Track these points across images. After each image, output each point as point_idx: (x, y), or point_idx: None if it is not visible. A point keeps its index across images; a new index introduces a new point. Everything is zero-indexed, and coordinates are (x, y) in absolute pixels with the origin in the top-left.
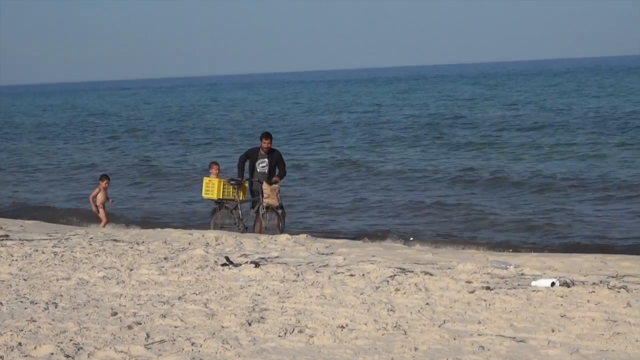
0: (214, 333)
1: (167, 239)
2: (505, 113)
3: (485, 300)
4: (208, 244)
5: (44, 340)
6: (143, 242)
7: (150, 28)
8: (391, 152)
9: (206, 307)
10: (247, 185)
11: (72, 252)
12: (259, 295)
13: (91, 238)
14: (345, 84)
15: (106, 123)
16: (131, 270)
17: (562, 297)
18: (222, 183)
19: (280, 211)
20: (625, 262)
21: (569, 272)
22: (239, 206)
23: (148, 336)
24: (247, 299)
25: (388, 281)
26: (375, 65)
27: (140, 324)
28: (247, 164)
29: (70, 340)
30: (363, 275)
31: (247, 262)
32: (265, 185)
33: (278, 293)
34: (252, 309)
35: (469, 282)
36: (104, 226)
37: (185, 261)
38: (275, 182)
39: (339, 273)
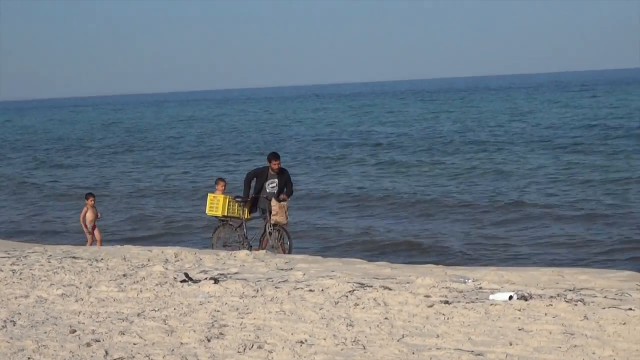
0: (173, 350)
1: (126, 256)
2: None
3: (443, 314)
4: (167, 260)
5: (2, 359)
6: (102, 259)
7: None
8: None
9: (165, 324)
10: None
11: (30, 269)
12: (218, 311)
13: (50, 255)
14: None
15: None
16: (90, 287)
17: (519, 310)
18: (227, 200)
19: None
20: (583, 275)
21: (526, 286)
22: (244, 224)
23: (107, 353)
24: (206, 315)
25: (347, 296)
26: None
27: (99, 341)
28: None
29: (29, 358)
30: (322, 290)
31: (206, 279)
32: (273, 202)
33: (237, 309)
34: (211, 325)
35: (427, 296)
36: (99, 246)
37: (144, 278)
38: (284, 200)
39: (298, 288)
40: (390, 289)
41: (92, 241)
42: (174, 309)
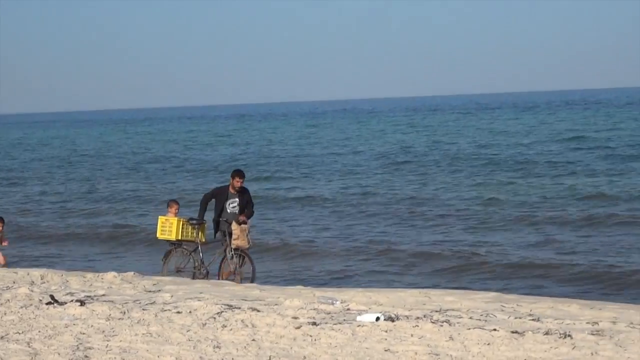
0: None
1: None
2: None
3: (311, 336)
4: (33, 282)
5: None
6: None
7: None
8: None
9: (29, 347)
10: (205, 225)
11: None
12: (83, 333)
13: None
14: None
15: None
16: None
17: (386, 331)
18: (181, 222)
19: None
20: (449, 296)
21: (393, 307)
22: (199, 249)
23: None
24: (71, 338)
25: (215, 318)
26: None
27: None
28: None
29: None
30: (190, 312)
31: (72, 301)
32: (234, 226)
33: (103, 331)
34: (76, 348)
35: (295, 317)
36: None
37: (8, 300)
38: (243, 222)
39: (165, 310)
40: (258, 311)
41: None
42: (39, 331)
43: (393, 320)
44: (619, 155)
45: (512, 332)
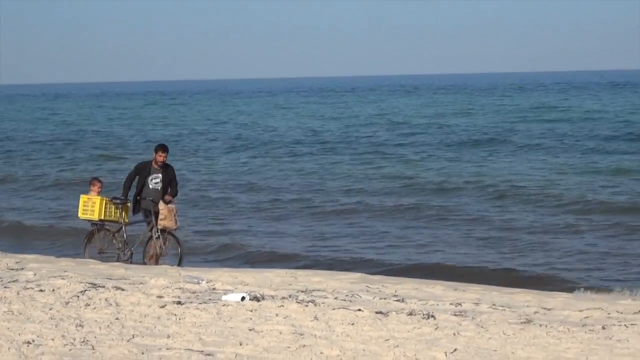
0: None
1: None
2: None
3: (175, 315)
4: None
5: None
6: None
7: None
8: None
9: None
10: (129, 205)
11: None
12: None
13: None
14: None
15: None
16: None
17: (251, 311)
18: (104, 202)
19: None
20: (315, 277)
21: (260, 287)
22: (123, 229)
23: None
24: None
25: (78, 296)
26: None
27: None
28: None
29: None
30: (53, 290)
31: None
32: (161, 205)
33: None
34: None
35: (160, 296)
36: None
37: None
38: (169, 202)
39: (28, 288)
40: (123, 290)
41: None
42: None
43: (258, 300)
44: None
45: (377, 312)
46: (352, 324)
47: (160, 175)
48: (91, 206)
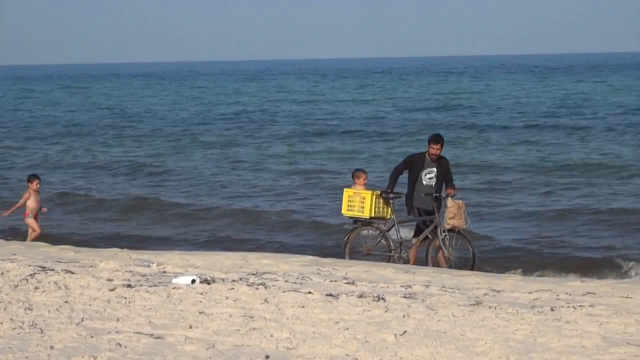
0: None
1: None
2: None
3: (125, 298)
4: None
5: None
6: None
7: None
8: None
9: None
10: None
11: None
12: None
13: None
14: None
15: None
16: None
17: (201, 294)
18: (374, 196)
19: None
20: (266, 259)
21: (210, 270)
22: (396, 227)
23: None
24: None
25: (27, 280)
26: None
27: None
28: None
29: None
30: (2, 273)
31: None
32: (450, 202)
33: None
34: None
35: (110, 280)
36: (33, 239)
37: None
38: (453, 196)
39: None
40: (72, 273)
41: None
42: None
43: (209, 283)
44: None
45: (327, 294)
46: (302, 307)
47: (435, 169)
48: (360, 202)
